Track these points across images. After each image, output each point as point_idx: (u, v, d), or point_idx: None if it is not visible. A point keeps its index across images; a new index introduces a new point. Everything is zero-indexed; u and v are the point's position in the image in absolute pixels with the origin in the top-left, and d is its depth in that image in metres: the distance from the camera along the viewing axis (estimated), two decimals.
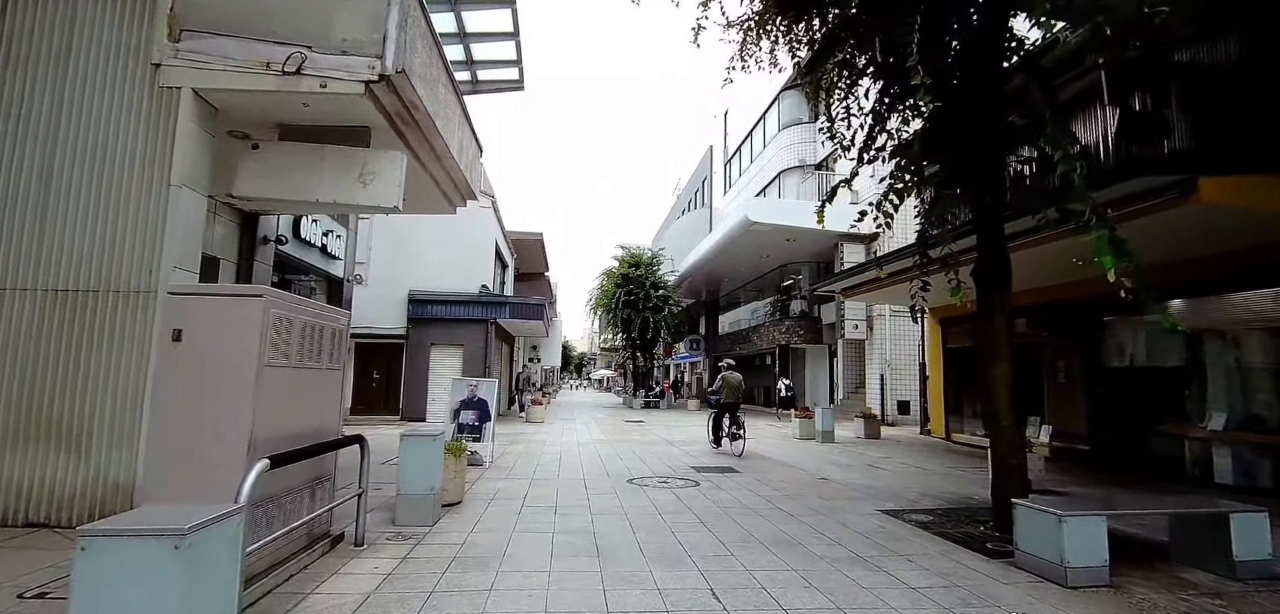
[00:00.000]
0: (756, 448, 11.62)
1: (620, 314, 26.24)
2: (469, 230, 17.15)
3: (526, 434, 13.63)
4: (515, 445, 11.39)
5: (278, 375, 3.82)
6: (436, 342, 16.52)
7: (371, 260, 16.59)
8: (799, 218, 18.95)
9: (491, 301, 16.57)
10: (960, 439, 13.33)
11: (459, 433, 8.52)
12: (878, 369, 18.59)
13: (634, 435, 13.91)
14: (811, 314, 23.26)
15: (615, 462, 9.47)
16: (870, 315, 18.91)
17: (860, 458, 10.44)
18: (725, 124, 32.32)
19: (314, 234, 10.31)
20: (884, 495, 7.15)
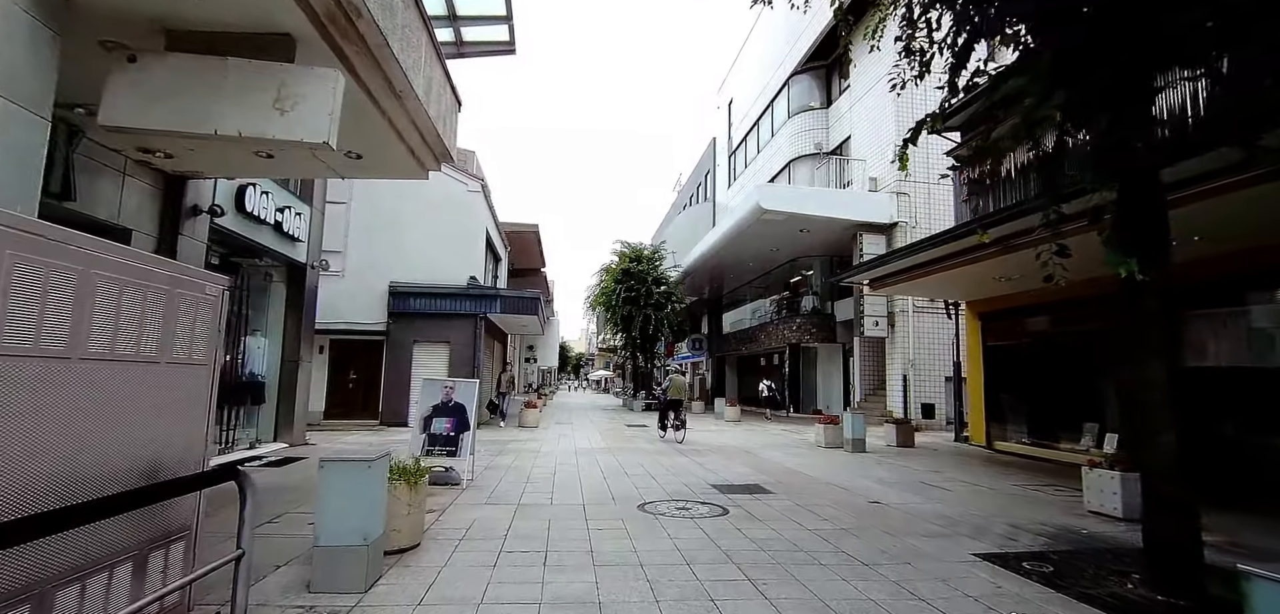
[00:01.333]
0: (780, 459, 10.01)
1: (620, 312, 24.62)
2: (456, 217, 15.51)
3: (517, 442, 11.99)
4: (503, 457, 9.75)
5: (34, 372, 2.18)
6: (420, 338, 14.87)
7: (348, 249, 14.96)
8: (815, 205, 17.37)
9: (480, 295, 14.94)
10: (1005, 448, 11.75)
11: (430, 446, 6.88)
12: (900, 369, 17.02)
13: (639, 442, 12.29)
14: (824, 311, 21.67)
15: (620, 478, 7.84)
16: (891, 311, 17.34)
17: (905, 472, 8.83)
18: (729, 114, 30.76)
19: (263, 207, 8.65)
20: (965, 528, 5.53)
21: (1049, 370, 11.34)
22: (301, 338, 10.34)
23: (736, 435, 14.23)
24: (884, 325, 17.29)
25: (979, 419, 12.51)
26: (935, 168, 17.93)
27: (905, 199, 17.47)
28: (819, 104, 22.39)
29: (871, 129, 18.85)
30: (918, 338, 17.06)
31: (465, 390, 7.25)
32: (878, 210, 17.44)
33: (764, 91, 25.72)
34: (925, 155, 17.88)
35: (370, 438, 12.12)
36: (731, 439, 13.32)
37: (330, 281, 14.71)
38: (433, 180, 15.51)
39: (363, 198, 15.14)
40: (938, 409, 16.86)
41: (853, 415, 11.33)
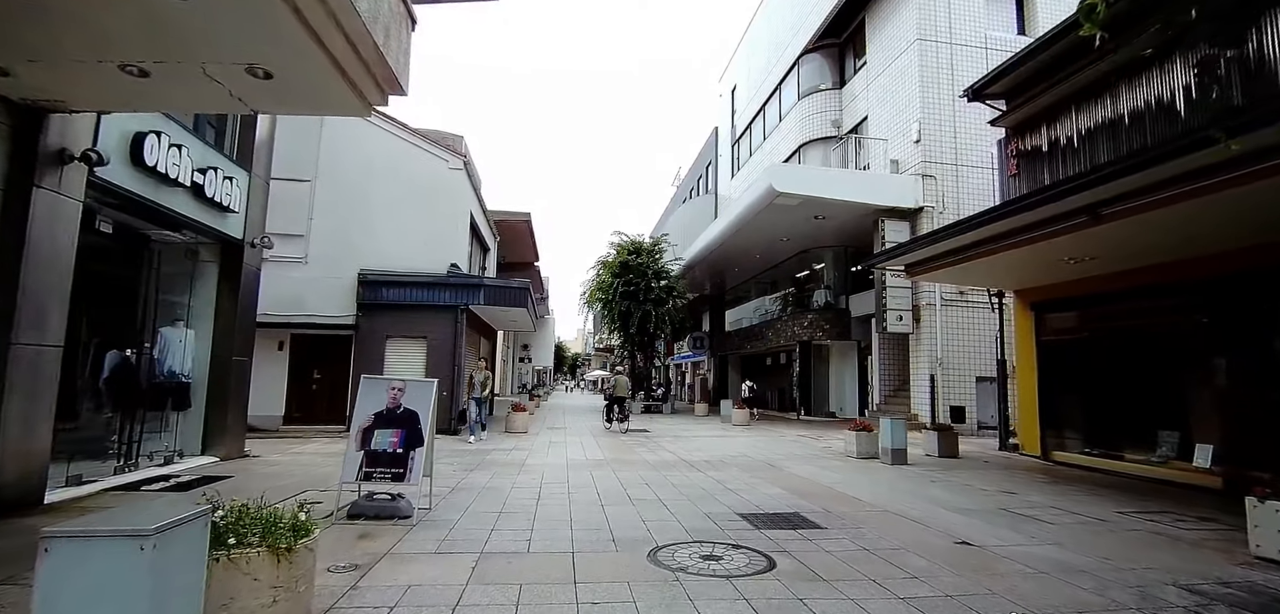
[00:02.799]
0: (812, 474, 8.24)
1: (618, 307, 22.83)
2: (436, 198, 13.70)
3: (500, 452, 10.20)
4: (478, 473, 7.95)
5: None
6: (394, 333, 13.06)
7: (312, 233, 13.14)
8: (833, 188, 15.64)
9: (462, 284, 13.14)
10: (1066, 459, 10.03)
11: (369, 468, 5.08)
12: (926, 368, 15.30)
13: (641, 453, 10.51)
14: (838, 306, 19.96)
15: (622, 506, 6.05)
16: (917, 304, 15.62)
17: (971, 494, 7.08)
18: (732, 102, 29.04)
19: (174, 164, 6.82)
20: (1119, 591, 3.78)
21: (1120, 369, 9.63)
22: (239, 330, 8.52)
23: (750, 443, 12.47)
24: (909, 320, 15.57)
25: (1031, 425, 10.78)
26: (963, 150, 16.28)
27: (931, 182, 15.77)
28: (831, 84, 20.68)
29: (891, 108, 17.14)
30: (946, 334, 15.34)
31: (418, 393, 5.45)
32: (901, 194, 15.73)
33: (770, 75, 24.00)
34: (953, 138, 16.20)
35: (333, 447, 10.30)
36: (746, 447, 11.55)
37: (291, 270, 12.92)
38: (409, 157, 13.72)
39: (329, 175, 13.33)
40: (968, 412, 15.15)
41: (891, 421, 9.57)
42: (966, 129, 16.12)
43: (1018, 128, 11.32)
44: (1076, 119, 10.03)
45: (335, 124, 13.45)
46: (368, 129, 13.60)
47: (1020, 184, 11.05)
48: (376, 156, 13.55)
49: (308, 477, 7.23)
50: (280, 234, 12.96)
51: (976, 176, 16.01)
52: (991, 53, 16.20)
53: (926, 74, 16.00)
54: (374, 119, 13.66)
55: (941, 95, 16.02)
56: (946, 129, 16.02)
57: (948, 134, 16.02)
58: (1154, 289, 8.78)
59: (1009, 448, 11.45)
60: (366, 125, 13.61)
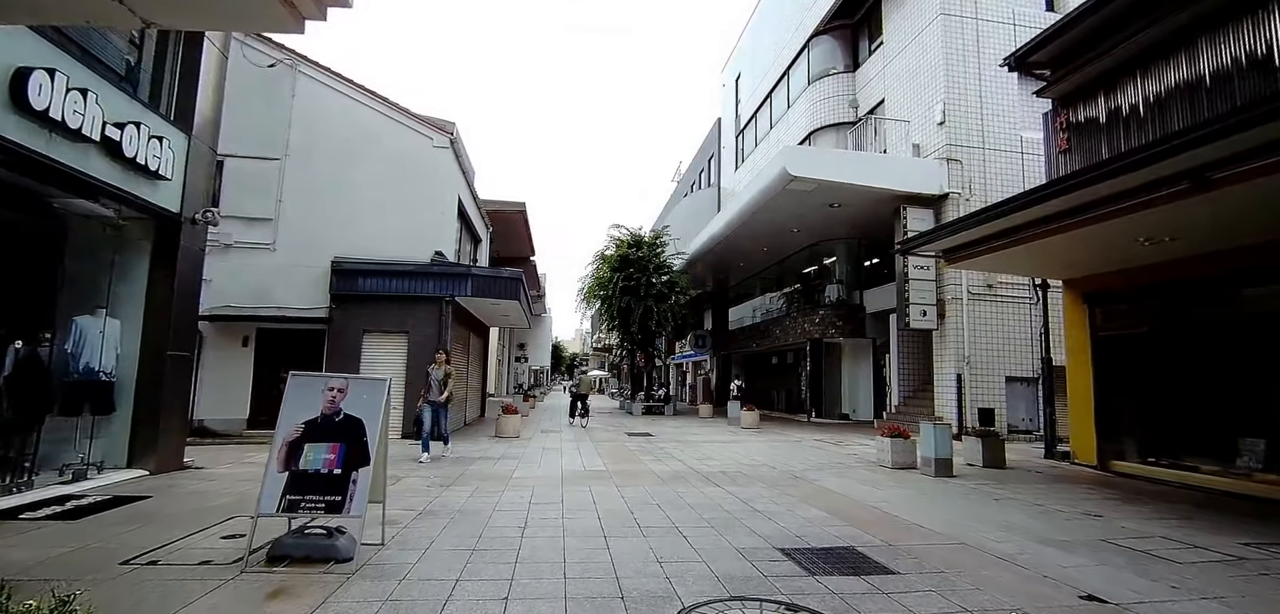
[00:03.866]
0: (852, 492, 6.95)
1: (618, 303, 21.51)
2: (420, 178, 12.38)
3: (486, 461, 8.89)
4: (454, 491, 6.63)
5: None
6: (371, 327, 11.72)
7: (281, 217, 11.80)
8: (852, 172, 14.36)
9: (447, 273, 11.81)
10: (1127, 470, 8.77)
11: (293, 495, 3.78)
12: (952, 367, 14.03)
13: (647, 461, 9.21)
14: (851, 301, 18.70)
15: (631, 540, 4.75)
16: (941, 298, 14.36)
17: (1062, 522, 5.79)
18: (736, 91, 27.77)
19: (75, 111, 5.47)
20: None
21: (1194, 367, 8.38)
22: (177, 320, 7.19)
23: (765, 449, 11.18)
24: (933, 316, 14.30)
25: (1084, 431, 9.52)
26: (990, 133, 15.03)
27: (956, 167, 14.51)
28: (843, 68, 19.42)
29: (911, 90, 15.89)
30: (973, 330, 14.08)
31: (364, 395, 4.14)
32: (925, 178, 14.47)
33: (778, 60, 22.74)
34: (979, 120, 14.95)
35: None
36: (761, 454, 10.26)
37: (257, 257, 11.59)
38: (390, 133, 12.38)
39: (301, 153, 11.99)
40: (998, 415, 13.89)
41: (934, 428, 8.29)
42: (994, 110, 14.88)
43: (1067, 98, 10.07)
44: (1143, 84, 8.77)
45: (308, 96, 12.12)
46: (344, 102, 12.28)
47: (1072, 160, 9.80)
48: (354, 133, 12.22)
49: (247, 496, 5.91)
50: (245, 218, 11.67)
51: (1004, 161, 14.78)
52: (1020, 29, 15.00)
53: (951, 52, 14.75)
54: (351, 91, 12.35)
55: (967, 74, 14.78)
56: (972, 110, 14.77)
57: (974, 116, 14.77)
58: (1248, 273, 7.51)
59: (1056, 456, 10.18)
60: (343, 98, 12.30)
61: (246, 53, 11.83)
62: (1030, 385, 14.36)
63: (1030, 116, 15.43)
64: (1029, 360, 14.35)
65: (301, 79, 12.14)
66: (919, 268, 14.31)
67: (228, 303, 11.48)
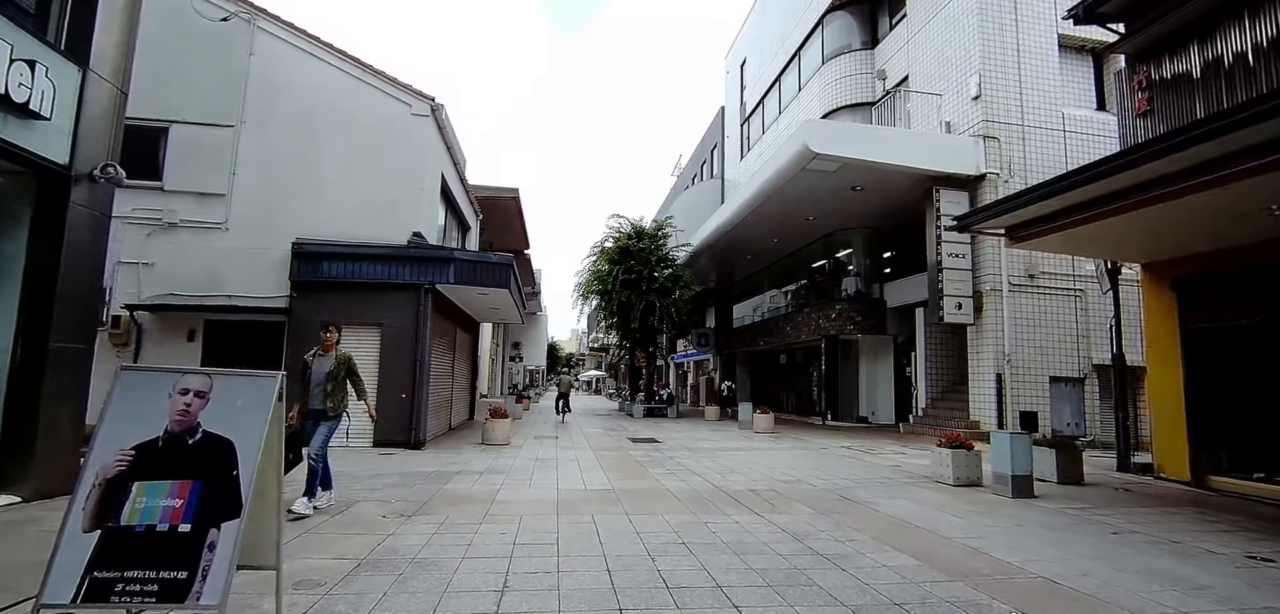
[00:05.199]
0: (913, 513, 5.42)
1: (618, 298, 19.96)
2: (397, 151, 10.79)
3: (466, 474, 7.32)
4: (413, 526, 5.06)
5: None
6: (340, 318, 10.08)
7: (235, 193, 10.20)
8: (880, 149, 12.87)
9: (426, 258, 10.23)
10: (1228, 486, 7.31)
11: (102, 569, 2.16)
12: (991, 365, 12.56)
13: (658, 475, 7.66)
14: (870, 295, 17.23)
15: (654, 597, 3.21)
16: (978, 289, 12.89)
17: (1225, 568, 4.27)
18: (741, 77, 26.28)
19: None
20: None
21: None
22: (67, 304, 5.60)
23: (793, 460, 9.66)
24: (969, 309, 12.83)
25: (1173, 440, 8.03)
26: (1031, 109, 13.56)
27: (994, 145, 13.05)
28: (860, 44, 17.96)
29: (940, 63, 14.43)
30: (1014, 325, 12.62)
31: (239, 403, 2.57)
32: (960, 157, 13.00)
33: (787, 41, 21.26)
34: (1018, 95, 13.47)
35: None
36: (791, 466, 8.74)
37: (207, 238, 10.01)
38: (363, 99, 10.68)
39: (259, 120, 10.39)
40: (1041, 419, 12.43)
41: (1011, 437, 6.77)
42: (1033, 84, 13.44)
43: (1146, 53, 8.59)
44: (1253, 27, 7.30)
45: (268, 55, 10.52)
46: (310, 62, 10.69)
47: (1154, 123, 8.33)
48: (321, 97, 10.63)
49: None
50: (194, 193, 10.08)
51: (1045, 140, 13.33)
52: None
53: (987, 19, 13.29)
54: (319, 50, 10.76)
55: (1005, 45, 13.33)
56: (1010, 84, 13.32)
57: (1011, 90, 13.31)
58: None
59: (1135, 468, 8.70)
60: (308, 58, 10.71)
61: (195, 2, 10.24)
62: (1075, 386, 12.91)
63: (1072, 91, 14.02)
64: (1074, 358, 12.91)
65: (261, 35, 10.54)
66: (954, 257, 12.85)
67: (171, 290, 9.88)
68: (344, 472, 7.41)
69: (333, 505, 5.47)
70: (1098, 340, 13.04)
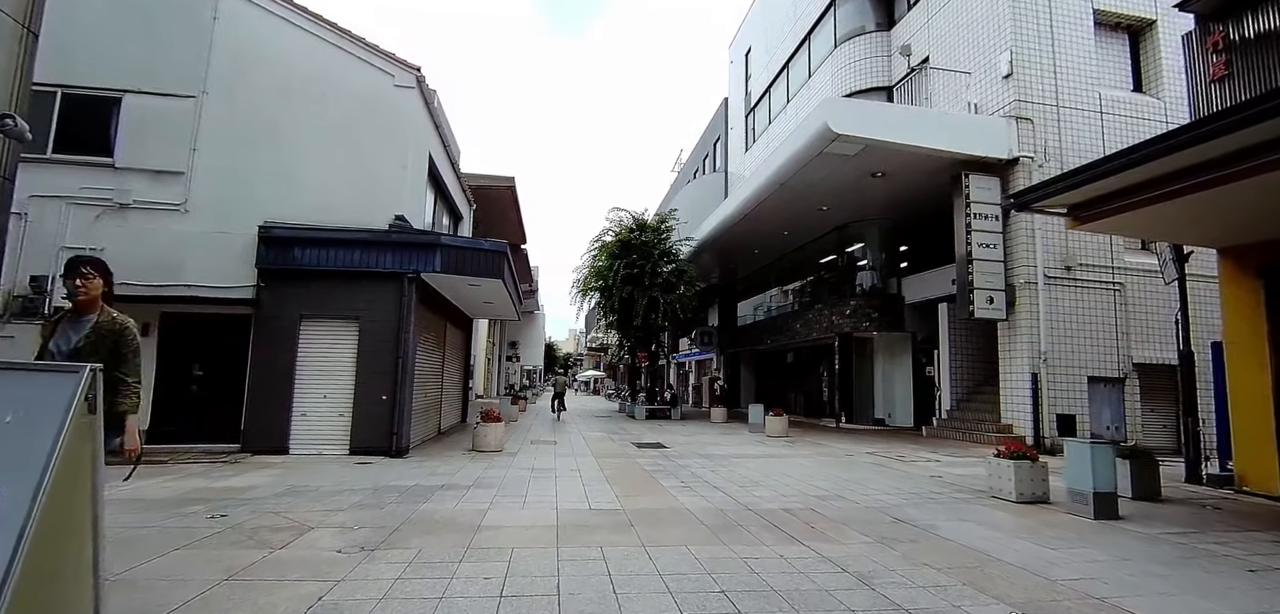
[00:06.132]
0: (976, 540, 4.38)
1: (619, 293, 18.89)
2: (378, 126, 9.70)
3: (451, 489, 6.24)
4: (377, 563, 3.96)
5: None
6: (313, 311, 9.04)
7: (196, 170, 9.10)
8: (906, 130, 11.84)
9: (410, 243, 9.14)
10: None
11: None
12: (1025, 364, 11.54)
13: (672, 489, 6.59)
14: (886, 290, 16.21)
15: None
16: (1011, 282, 11.87)
17: None
18: (746, 66, 25.26)
19: None
20: None
21: None
22: None
23: (820, 470, 8.61)
24: (1001, 303, 11.81)
25: (1262, 450, 7.00)
26: (1065, 90, 12.55)
27: (1027, 127, 12.04)
28: (875, 25, 16.95)
29: (966, 41, 13.43)
30: (1051, 320, 11.61)
31: (7, 419, 1.48)
32: (991, 140, 11.99)
33: (796, 26, 20.25)
34: (1053, 75, 12.47)
35: (209, 483, 6.30)
36: (820, 479, 7.69)
37: (163, 221, 8.91)
38: (340, 68, 9.35)
39: (224, 90, 9.29)
40: (1079, 422, 11.44)
41: (1092, 447, 5.72)
42: (1068, 62, 12.45)
43: (1224, 11, 7.58)
44: None
45: (235, 19, 9.42)
46: (282, 27, 9.59)
47: (1232, 88, 7.32)
48: (294, 66, 9.53)
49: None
50: (148, 170, 8.98)
51: (1082, 122, 12.33)
52: None
53: None
54: (293, 14, 9.67)
55: (1038, 18, 12.33)
56: (1045, 62, 12.32)
57: (1045, 69, 12.31)
58: None
59: (1210, 481, 7.67)
60: (280, 22, 9.61)
61: None
62: (1115, 387, 11.92)
63: (1108, 71, 13.03)
64: (1114, 356, 11.91)
65: None
66: (984, 247, 11.84)
67: (123, 280, 8.70)
68: (307, 486, 6.33)
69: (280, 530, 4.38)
70: (1139, 337, 12.06)
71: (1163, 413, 12.38)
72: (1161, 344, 12.12)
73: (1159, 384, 12.24)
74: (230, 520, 4.88)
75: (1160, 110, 12.71)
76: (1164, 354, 12.09)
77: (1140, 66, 13.39)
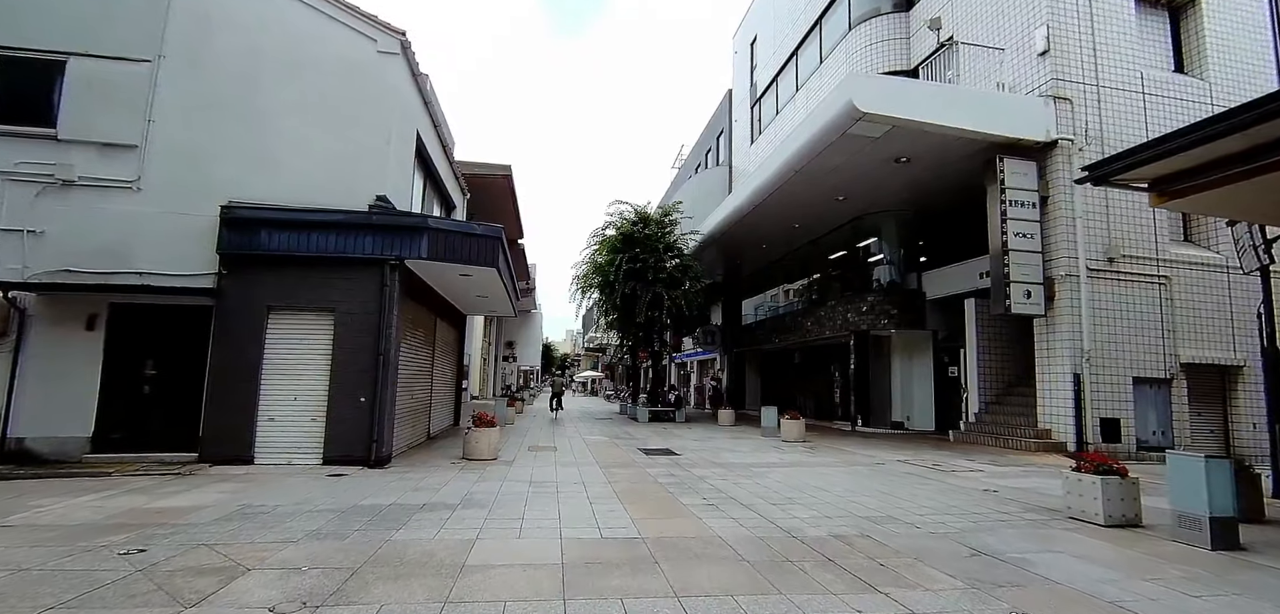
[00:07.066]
0: (1099, 588, 3.36)
1: (622, 289, 17.84)
2: (357, 97, 8.64)
3: (433, 511, 5.20)
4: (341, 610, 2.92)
5: None
6: (281, 302, 7.97)
7: (150, 143, 8.04)
8: (937, 109, 10.82)
9: (393, 225, 8.08)
10: None
11: None
12: (1066, 364, 10.56)
13: (693, 507, 5.55)
14: (906, 286, 15.24)
15: None
16: (1050, 276, 10.89)
17: None
18: (751, 56, 24.26)
19: None
20: None
21: None
22: None
23: (855, 482, 7.59)
24: (1040, 297, 10.83)
25: None
26: (1108, 66, 11.53)
27: (1066, 107, 11.07)
28: (893, 5, 15.98)
29: (994, 16, 12.46)
30: (1093, 316, 10.64)
31: None
32: (1028, 120, 11.01)
33: (808, 8, 19.25)
34: (1091, 51, 11.46)
35: (149, 502, 5.23)
36: (861, 495, 6.67)
37: (111, 200, 7.86)
38: (315, 31, 7.78)
39: (184, 55, 8.22)
40: (1124, 427, 10.48)
41: (1207, 461, 4.71)
42: (1108, 39, 11.49)
43: None
44: None
45: None
46: None
47: None
48: (263, 28, 8.47)
49: None
50: (97, 143, 7.92)
51: (1124, 103, 11.38)
52: None
53: None
54: None
55: None
56: (1084, 38, 11.36)
57: (1085, 46, 11.35)
58: None
59: None
60: None
61: None
62: (1161, 388, 10.96)
63: (1148, 50, 12.07)
64: (1159, 356, 10.95)
65: None
66: (1021, 237, 10.86)
67: (66, 266, 7.67)
68: (262, 506, 5.27)
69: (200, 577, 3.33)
70: (1185, 335, 11.10)
71: (1209, 417, 11.44)
72: (1210, 342, 11.18)
73: (1207, 386, 11.30)
74: (147, 558, 3.83)
75: (1206, 92, 11.78)
76: (1213, 353, 11.15)
77: (1181, 45, 12.45)
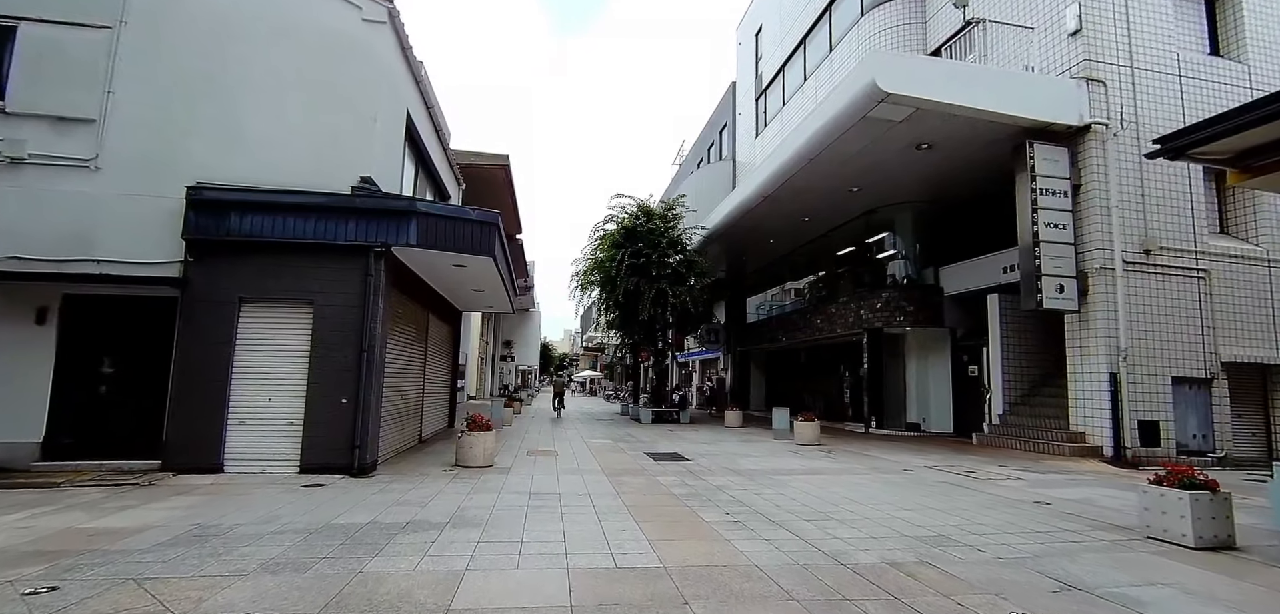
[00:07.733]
0: None
1: (624, 285, 17.09)
2: (341, 71, 7.87)
3: (418, 530, 4.46)
4: None
5: None
6: (254, 294, 7.20)
7: (109, 117, 7.25)
8: (967, 90, 10.09)
9: (377, 209, 7.33)
10: None
11: None
12: (1101, 362, 9.86)
13: (716, 522, 4.81)
14: (922, 281, 14.52)
15: None
16: (1084, 269, 10.19)
17: None
18: (756, 47, 23.54)
19: None
20: None
21: None
22: None
23: (887, 495, 6.87)
24: (1072, 292, 10.13)
25: None
26: (1143, 47, 10.77)
27: (1099, 90, 10.38)
28: None
29: None
30: (1130, 312, 9.95)
31: None
32: (1059, 103, 10.31)
33: (805, 12, 18.54)
34: (1125, 30, 10.71)
35: (89, 520, 4.47)
36: (902, 509, 5.94)
37: (65, 180, 7.08)
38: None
39: (148, 21, 7.45)
40: (1163, 429, 9.78)
41: None
42: (1142, 17, 10.79)
43: None
44: None
45: None
46: None
47: None
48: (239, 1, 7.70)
49: None
50: (50, 117, 7.14)
51: (1159, 86, 10.70)
52: None
53: None
54: None
55: None
56: (1119, 17, 10.66)
57: (1120, 25, 10.66)
58: None
59: None
60: None
61: None
62: (1201, 389, 10.27)
63: (1183, 32, 11.38)
64: (1199, 354, 10.26)
65: None
66: (1052, 227, 10.16)
67: (14, 252, 6.89)
68: (218, 525, 4.51)
69: None
70: (1226, 332, 10.42)
71: (1250, 420, 10.77)
72: (1252, 340, 10.51)
73: (1248, 386, 10.63)
74: (56, 600, 3.07)
75: (1244, 75, 11.12)
76: (1255, 351, 10.48)
77: (1217, 28, 11.77)
